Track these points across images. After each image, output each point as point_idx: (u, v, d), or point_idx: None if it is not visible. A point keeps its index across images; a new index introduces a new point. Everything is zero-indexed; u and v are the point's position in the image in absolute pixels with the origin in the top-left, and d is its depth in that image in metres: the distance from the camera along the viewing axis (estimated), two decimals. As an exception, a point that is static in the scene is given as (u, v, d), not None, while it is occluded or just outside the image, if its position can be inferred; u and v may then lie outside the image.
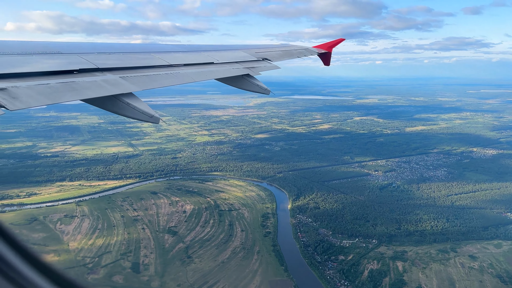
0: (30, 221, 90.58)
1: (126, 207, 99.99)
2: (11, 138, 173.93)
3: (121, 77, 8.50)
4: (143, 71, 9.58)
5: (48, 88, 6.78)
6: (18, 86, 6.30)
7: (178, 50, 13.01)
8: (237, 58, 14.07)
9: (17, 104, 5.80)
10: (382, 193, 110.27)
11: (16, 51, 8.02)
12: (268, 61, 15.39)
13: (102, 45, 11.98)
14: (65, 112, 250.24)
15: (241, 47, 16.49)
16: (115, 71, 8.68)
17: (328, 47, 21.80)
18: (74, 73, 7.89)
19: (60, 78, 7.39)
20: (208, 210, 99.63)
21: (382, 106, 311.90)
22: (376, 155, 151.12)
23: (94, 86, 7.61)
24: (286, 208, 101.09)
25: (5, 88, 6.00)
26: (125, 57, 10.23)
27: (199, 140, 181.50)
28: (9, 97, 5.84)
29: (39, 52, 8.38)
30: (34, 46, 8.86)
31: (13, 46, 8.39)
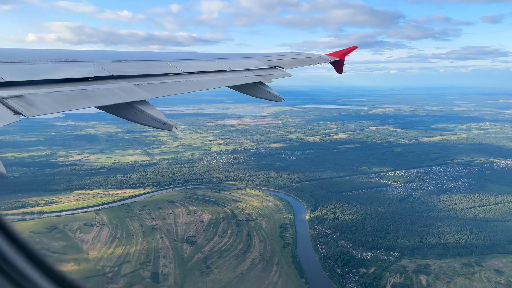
0: (50, 229, 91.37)
1: (144, 216, 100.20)
2: (31, 147, 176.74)
3: (135, 84, 8.59)
4: (157, 78, 9.68)
5: (63, 95, 6.90)
6: (34, 93, 6.41)
7: (191, 58, 13.13)
8: (249, 66, 14.08)
9: (34, 111, 5.90)
10: (402, 205, 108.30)
11: (33, 59, 8.12)
12: (280, 68, 15.36)
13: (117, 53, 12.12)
14: (82, 121, 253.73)
15: (254, 55, 16.45)
16: (129, 79, 8.77)
17: (341, 55, 21.62)
18: (89, 81, 7.99)
19: (76, 85, 7.51)
20: (226, 219, 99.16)
21: (398, 115, 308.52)
22: (395, 165, 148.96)
23: (109, 94, 7.70)
24: (304, 219, 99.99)
25: (21, 95, 6.11)
26: (139, 65, 10.34)
27: (215, 149, 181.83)
28: (25, 104, 5.95)
29: (55, 60, 8.48)
30: (50, 54, 8.97)
31: (30, 54, 8.51)
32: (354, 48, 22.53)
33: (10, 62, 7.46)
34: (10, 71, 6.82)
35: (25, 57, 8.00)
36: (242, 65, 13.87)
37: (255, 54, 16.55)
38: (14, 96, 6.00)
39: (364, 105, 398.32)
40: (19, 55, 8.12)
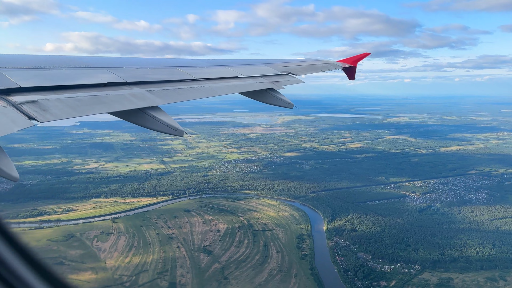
0: (67, 237, 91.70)
1: (160, 225, 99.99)
2: (47, 155, 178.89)
3: (148, 90, 8.64)
4: (169, 85, 9.71)
5: (77, 101, 6.96)
6: (48, 99, 6.49)
7: (202, 65, 13.12)
8: (260, 72, 14.03)
9: (47, 116, 5.96)
10: (422, 216, 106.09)
11: (47, 65, 8.21)
12: (292, 75, 15.22)
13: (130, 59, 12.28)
14: (98, 130, 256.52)
15: (265, 61, 16.34)
16: (142, 85, 8.84)
17: (353, 61, 21.46)
18: (103, 87, 8.04)
19: (89, 91, 7.58)
20: (242, 229, 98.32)
21: (414, 125, 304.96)
22: (412, 175, 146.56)
23: (122, 100, 7.76)
24: (321, 230, 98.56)
25: (36, 101, 6.20)
26: (151, 71, 10.37)
27: (229, 158, 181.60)
28: (39, 109, 6.03)
29: (69, 66, 8.56)
30: (64, 60, 9.08)
31: (44, 60, 8.60)
32: (366, 55, 22.49)
33: (25, 68, 7.56)
34: (25, 77, 6.91)
35: (39, 64, 8.12)
36: (253, 71, 13.82)
37: (266, 61, 16.48)
38: (28, 101, 6.09)
39: (378, 114, 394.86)
40: (34, 61, 8.26)
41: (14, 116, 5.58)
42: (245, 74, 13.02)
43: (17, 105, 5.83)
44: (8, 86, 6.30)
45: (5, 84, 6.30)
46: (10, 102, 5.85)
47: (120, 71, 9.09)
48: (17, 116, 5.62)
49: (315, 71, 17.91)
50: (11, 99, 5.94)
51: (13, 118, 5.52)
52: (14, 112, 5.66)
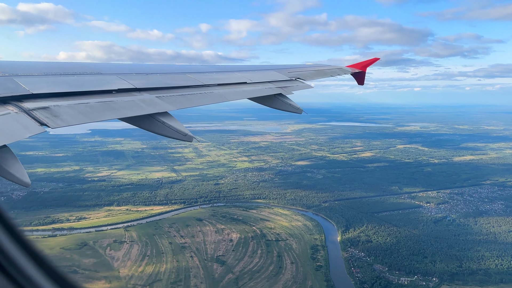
0: (80, 246, 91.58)
1: (173, 234, 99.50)
2: (59, 162, 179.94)
3: (157, 96, 8.71)
4: (178, 91, 9.78)
5: (88, 107, 7.02)
6: (59, 105, 6.56)
7: (212, 71, 13.17)
8: (269, 78, 14.07)
9: (59, 122, 6.02)
10: (437, 227, 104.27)
11: (58, 71, 8.31)
12: (300, 80, 15.22)
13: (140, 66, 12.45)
14: (109, 137, 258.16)
15: (274, 67, 16.36)
16: (151, 91, 8.92)
17: (362, 67, 21.33)
18: (113, 93, 8.12)
19: (100, 97, 7.64)
20: (255, 239, 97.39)
21: (425, 134, 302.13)
22: (426, 185, 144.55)
23: (132, 106, 7.83)
24: (335, 241, 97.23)
25: (47, 107, 6.27)
26: (161, 77, 10.44)
27: (240, 166, 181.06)
28: (51, 115, 6.09)
29: (79, 73, 8.67)
30: (75, 67, 9.21)
31: (55, 67, 8.72)
32: (375, 60, 22.35)
33: (37, 75, 7.66)
34: (36, 84, 6.98)
35: (51, 70, 8.22)
36: (262, 77, 13.84)
37: (275, 66, 16.49)
38: (40, 107, 6.16)
39: (388, 123, 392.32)
40: (45, 68, 8.35)
41: (26, 122, 5.64)
42: (254, 80, 13.04)
43: (28, 111, 5.88)
44: (20, 92, 6.36)
45: (18, 91, 6.37)
46: (22, 109, 5.90)
47: (130, 78, 9.17)
48: (29, 122, 5.68)
49: (324, 76, 17.86)
50: (23, 106, 5.99)
51: (25, 124, 5.58)
52: (26, 118, 5.72)
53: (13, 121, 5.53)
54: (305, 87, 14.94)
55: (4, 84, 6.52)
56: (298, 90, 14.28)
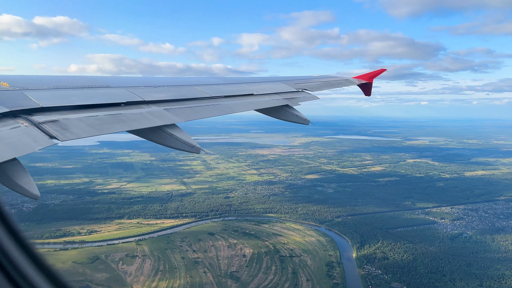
0: (92, 260, 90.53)
1: (185, 248, 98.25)
2: (69, 174, 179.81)
3: (165, 109, 8.79)
4: (186, 103, 9.84)
5: (96, 120, 7.07)
6: (68, 118, 6.64)
7: (219, 83, 13.26)
8: (276, 89, 14.14)
9: (68, 135, 6.09)
10: (454, 244, 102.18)
11: (68, 85, 8.40)
12: (307, 91, 15.30)
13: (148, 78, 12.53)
14: (118, 149, 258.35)
15: (281, 78, 16.46)
16: (159, 103, 8.99)
17: (368, 78, 21.20)
18: (122, 106, 8.18)
19: (108, 110, 7.69)
20: (268, 255, 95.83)
21: (434, 148, 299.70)
22: (439, 201, 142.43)
23: (140, 118, 7.90)
24: (351, 257, 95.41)
25: (56, 120, 6.35)
26: (169, 90, 10.52)
27: (249, 180, 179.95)
28: (60, 128, 6.16)
29: (88, 86, 8.74)
30: (84, 80, 9.27)
31: (65, 81, 8.81)
32: (382, 71, 22.23)
33: (46, 88, 7.75)
34: (46, 97, 7.07)
35: (60, 84, 8.32)
36: (269, 88, 13.91)
37: (282, 78, 16.57)
38: (49, 121, 6.24)
39: (396, 137, 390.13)
40: (55, 81, 8.48)
41: (35, 135, 5.72)
42: (260, 91, 13.11)
43: (38, 125, 5.97)
44: (30, 106, 6.45)
45: (28, 104, 6.46)
46: (32, 122, 5.99)
47: (138, 90, 9.24)
48: (39, 135, 5.76)
49: (331, 87, 17.97)
50: (33, 119, 6.08)
51: (34, 137, 5.66)
52: (36, 131, 5.80)
53: (23, 134, 5.62)
54: (312, 98, 14.98)
55: (15, 98, 6.61)
56: (305, 101, 14.36)
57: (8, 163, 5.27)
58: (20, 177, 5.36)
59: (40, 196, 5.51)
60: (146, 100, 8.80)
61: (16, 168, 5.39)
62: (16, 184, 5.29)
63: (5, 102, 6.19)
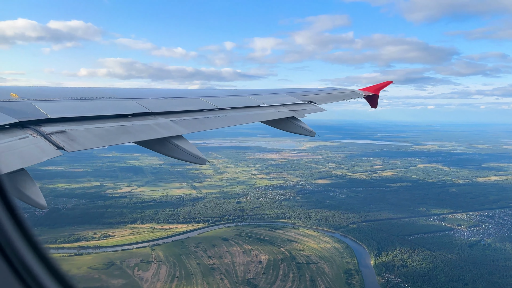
0: (107, 265, 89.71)
1: (200, 254, 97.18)
2: (79, 178, 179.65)
3: (172, 120, 8.85)
4: (192, 114, 9.87)
5: (104, 131, 7.16)
6: (76, 129, 6.71)
7: (225, 95, 13.45)
8: (282, 101, 14.24)
9: (75, 146, 6.16)
10: (473, 252, 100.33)
11: (75, 96, 8.48)
12: (313, 104, 15.47)
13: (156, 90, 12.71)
14: (126, 153, 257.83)
15: (287, 90, 16.62)
16: (166, 115, 9.05)
17: (375, 90, 21.38)
18: (129, 117, 8.22)
19: (116, 121, 7.74)
20: (285, 261, 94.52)
21: (444, 153, 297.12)
22: (454, 207, 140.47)
23: (147, 129, 7.95)
24: (368, 265, 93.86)
25: (64, 131, 6.41)
26: (176, 101, 10.60)
27: (259, 184, 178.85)
28: (67, 139, 6.22)
29: (96, 97, 8.81)
30: (92, 91, 9.36)
31: (73, 92, 8.93)
32: (388, 83, 22.34)
33: (55, 99, 7.82)
34: (54, 108, 7.12)
35: (68, 95, 8.40)
36: (275, 100, 14.02)
37: (288, 90, 16.77)
38: (57, 131, 6.29)
39: (405, 141, 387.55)
40: (63, 93, 8.56)
41: (43, 145, 5.79)
42: (266, 103, 13.20)
43: (46, 135, 6.03)
44: (38, 117, 6.52)
45: (36, 115, 6.53)
46: (40, 132, 6.05)
47: (145, 102, 9.28)
48: (46, 145, 5.83)
49: (337, 100, 18.16)
50: (41, 130, 6.15)
51: (42, 147, 5.74)
52: (44, 142, 5.86)
53: (31, 145, 5.69)
54: (318, 110, 15.11)
55: (23, 108, 6.67)
56: (311, 113, 14.51)
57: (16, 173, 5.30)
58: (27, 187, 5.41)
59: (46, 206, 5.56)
60: (153, 112, 8.84)
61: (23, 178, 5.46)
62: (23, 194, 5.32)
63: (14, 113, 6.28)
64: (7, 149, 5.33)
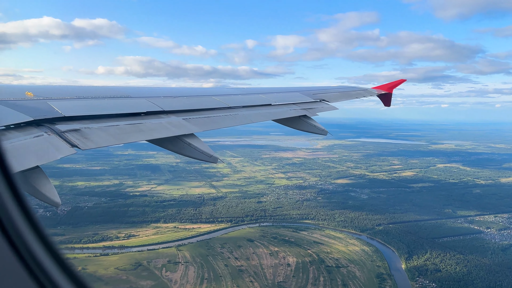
0: (135, 266, 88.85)
1: (226, 255, 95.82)
2: (98, 176, 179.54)
3: (184, 118, 8.79)
4: (204, 113, 9.78)
5: (117, 129, 7.15)
6: (90, 127, 6.68)
7: (237, 93, 13.34)
8: (294, 99, 14.12)
9: (89, 144, 6.15)
10: (508, 256, 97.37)
11: (90, 95, 8.49)
12: (325, 102, 15.27)
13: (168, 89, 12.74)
14: (142, 151, 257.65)
15: (299, 89, 16.38)
16: (178, 113, 8.99)
17: (388, 88, 20.95)
18: (142, 115, 8.29)
19: (129, 120, 7.77)
20: (313, 264, 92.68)
21: (462, 152, 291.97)
22: (480, 209, 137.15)
23: (160, 128, 7.95)
24: (400, 269, 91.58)
25: (78, 129, 6.38)
26: (188, 100, 10.54)
27: (278, 183, 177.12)
28: (81, 137, 6.20)
29: (110, 96, 8.77)
30: (106, 90, 9.32)
31: (87, 91, 8.93)
32: (402, 81, 21.92)
33: (69, 98, 7.83)
34: (68, 107, 7.11)
35: (82, 94, 8.39)
36: (287, 99, 13.91)
37: (300, 88, 16.55)
38: (71, 130, 6.26)
39: (421, 140, 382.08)
40: (77, 91, 8.55)
41: (57, 144, 5.76)
42: (278, 102, 13.13)
43: (60, 133, 5.99)
44: (53, 115, 6.50)
45: (51, 114, 6.53)
46: (55, 131, 6.02)
47: (158, 100, 9.27)
48: (61, 143, 5.81)
49: (349, 98, 17.88)
50: (56, 128, 6.11)
51: (57, 145, 5.71)
52: (58, 140, 5.84)
53: (46, 143, 5.67)
54: (330, 109, 14.97)
55: (38, 107, 6.67)
56: (323, 111, 14.35)
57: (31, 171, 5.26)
58: (42, 184, 5.38)
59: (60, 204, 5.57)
60: (165, 110, 8.87)
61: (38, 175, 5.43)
62: (38, 191, 5.29)
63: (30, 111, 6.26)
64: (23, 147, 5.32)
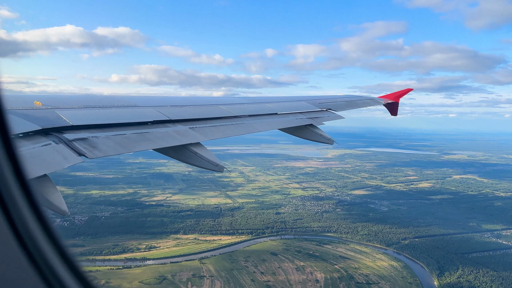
0: (159, 279, 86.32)
1: (251, 269, 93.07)
2: (111, 184, 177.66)
3: (190, 127, 8.91)
4: (211, 122, 9.87)
5: (124, 138, 7.19)
6: (97, 136, 6.73)
7: (243, 102, 13.34)
8: (300, 108, 14.03)
9: (96, 153, 6.17)
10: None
11: (97, 104, 8.58)
12: (331, 111, 15.21)
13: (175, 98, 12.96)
14: (153, 159, 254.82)
15: (305, 98, 16.43)
16: (185, 122, 9.11)
17: (395, 97, 20.91)
18: (148, 124, 8.31)
19: (135, 129, 7.81)
20: (343, 281, 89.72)
21: (476, 163, 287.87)
22: (506, 222, 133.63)
23: (166, 137, 8.03)
24: (433, 286, 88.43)
25: (86, 138, 6.43)
26: (194, 109, 10.58)
27: (294, 194, 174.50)
28: (89, 146, 6.23)
29: (117, 105, 8.90)
30: (113, 100, 9.57)
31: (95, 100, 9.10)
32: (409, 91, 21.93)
33: (77, 107, 7.97)
34: (76, 116, 7.15)
35: (90, 103, 8.54)
36: (293, 108, 13.85)
37: (306, 97, 16.62)
38: (79, 138, 6.29)
39: (432, 150, 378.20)
40: (85, 101, 8.70)
41: (65, 152, 5.75)
42: (284, 111, 13.16)
43: (68, 142, 6.00)
44: (60, 124, 6.49)
45: (58, 123, 6.50)
46: (62, 139, 6.01)
47: (165, 110, 9.36)
48: (68, 152, 5.79)
49: (356, 107, 17.89)
50: (63, 137, 6.12)
51: (64, 154, 5.69)
52: (65, 149, 5.83)
53: (54, 152, 5.66)
54: (337, 118, 15.03)
55: (46, 116, 6.63)
56: (329, 120, 14.31)
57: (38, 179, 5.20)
58: (50, 193, 5.31)
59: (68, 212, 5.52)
60: (172, 119, 8.90)
61: (46, 184, 5.36)
62: (46, 200, 5.22)
63: (38, 120, 6.22)
64: (31, 155, 5.27)
